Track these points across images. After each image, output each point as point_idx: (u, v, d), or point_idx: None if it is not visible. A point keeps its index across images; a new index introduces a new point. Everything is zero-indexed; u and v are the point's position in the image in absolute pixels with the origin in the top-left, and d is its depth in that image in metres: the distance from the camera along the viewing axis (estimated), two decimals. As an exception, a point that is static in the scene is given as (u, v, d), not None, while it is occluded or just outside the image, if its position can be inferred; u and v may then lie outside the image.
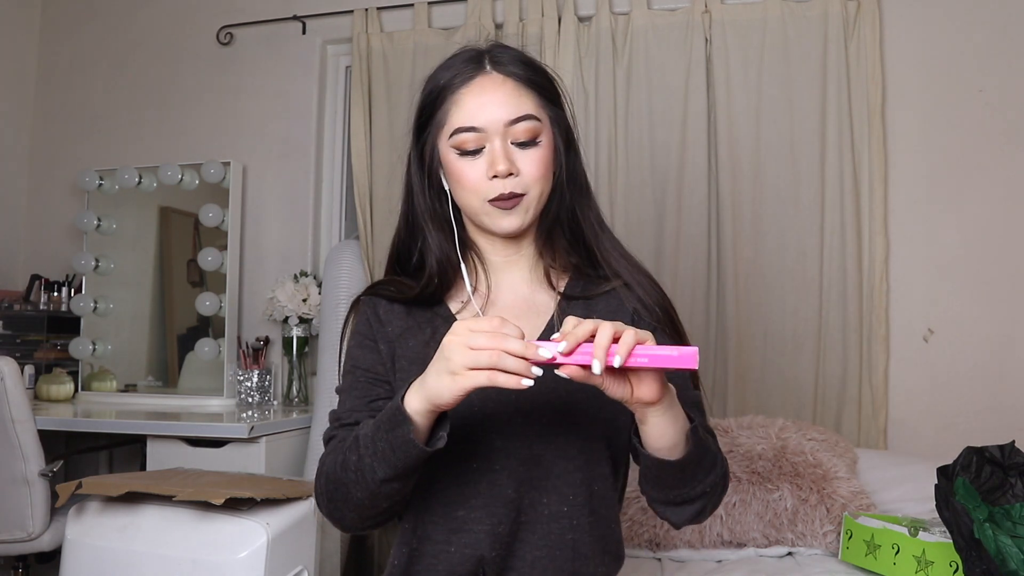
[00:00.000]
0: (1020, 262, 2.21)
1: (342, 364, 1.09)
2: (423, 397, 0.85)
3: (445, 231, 1.06)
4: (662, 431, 0.88)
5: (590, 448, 1.01)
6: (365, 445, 0.90)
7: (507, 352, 0.78)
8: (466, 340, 0.80)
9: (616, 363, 0.77)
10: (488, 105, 0.98)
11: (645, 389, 0.83)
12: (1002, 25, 2.26)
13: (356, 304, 1.10)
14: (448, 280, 1.06)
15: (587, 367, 0.78)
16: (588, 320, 0.80)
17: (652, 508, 1.02)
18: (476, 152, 0.99)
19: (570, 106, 1.07)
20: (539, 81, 1.03)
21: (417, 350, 1.04)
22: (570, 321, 0.81)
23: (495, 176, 0.98)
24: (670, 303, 1.06)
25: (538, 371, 0.79)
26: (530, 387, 0.79)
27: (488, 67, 1.01)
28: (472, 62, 1.01)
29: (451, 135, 0.99)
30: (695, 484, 0.94)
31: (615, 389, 0.83)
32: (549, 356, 0.78)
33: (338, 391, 1.07)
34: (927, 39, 2.31)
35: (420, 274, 1.07)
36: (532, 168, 0.99)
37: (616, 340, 0.78)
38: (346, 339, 1.09)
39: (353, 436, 0.93)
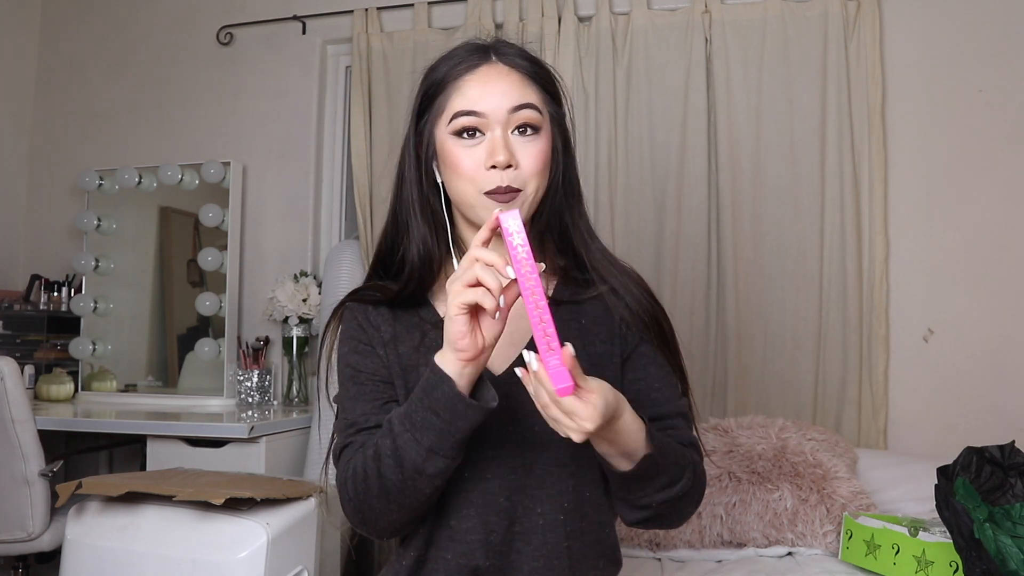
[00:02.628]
0: (1020, 262, 2.21)
1: (339, 373, 1.05)
2: (446, 347, 0.86)
3: (433, 225, 1.04)
4: (600, 445, 0.91)
5: (581, 454, 1.00)
6: (400, 423, 0.89)
7: (480, 259, 0.82)
8: (457, 275, 0.84)
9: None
10: (492, 92, 0.97)
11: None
12: (1002, 25, 2.26)
13: (340, 311, 1.08)
14: (430, 277, 1.04)
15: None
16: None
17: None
18: (475, 137, 0.97)
19: (570, 109, 1.06)
20: (543, 77, 1.02)
21: (409, 356, 1.02)
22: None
23: (493, 167, 0.96)
24: (663, 312, 1.05)
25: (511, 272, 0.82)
26: (518, 372, 0.83)
27: (493, 57, 1.00)
28: (476, 52, 1.01)
29: (450, 120, 0.98)
30: (642, 496, 0.95)
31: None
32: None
33: (339, 400, 1.04)
34: (927, 39, 2.31)
35: (403, 275, 1.05)
36: (531, 162, 0.97)
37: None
38: (334, 346, 1.07)
39: (386, 423, 0.92)
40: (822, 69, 2.30)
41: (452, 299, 0.83)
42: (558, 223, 1.05)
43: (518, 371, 0.83)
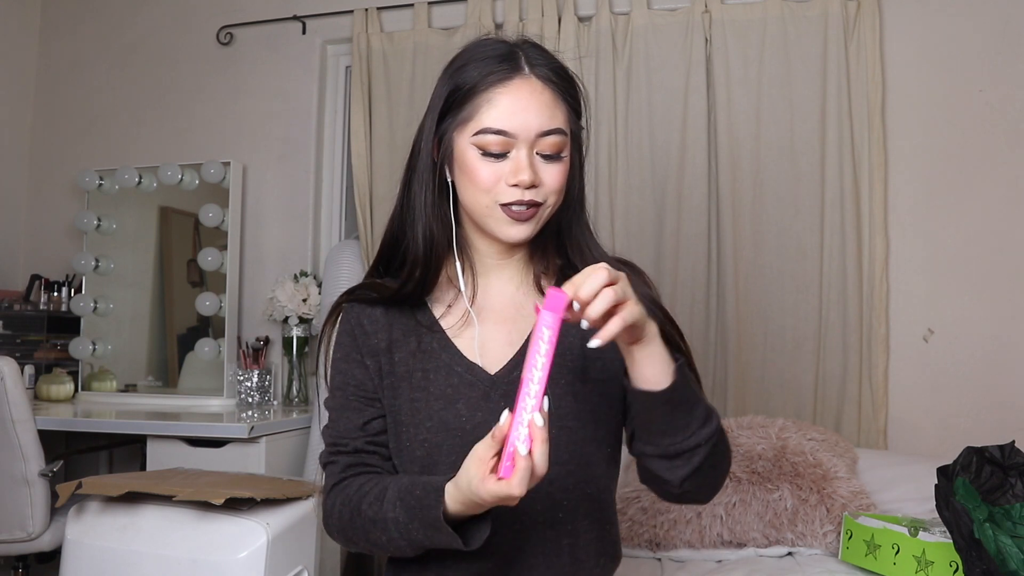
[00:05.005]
0: (1020, 262, 2.21)
1: (329, 376, 1.06)
2: (470, 502, 0.85)
3: (439, 225, 1.02)
4: (644, 361, 0.88)
5: (581, 452, 1.00)
6: (399, 531, 0.91)
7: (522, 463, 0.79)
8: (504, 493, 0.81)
9: (538, 422, 0.80)
10: (524, 111, 0.95)
11: (624, 334, 0.85)
12: (1002, 25, 2.26)
13: (338, 310, 1.07)
14: (430, 278, 1.03)
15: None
16: (594, 277, 0.81)
17: (649, 475, 0.99)
18: (500, 156, 0.95)
19: (587, 120, 1.05)
20: (572, 94, 1.01)
21: (406, 363, 1.02)
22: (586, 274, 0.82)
23: (516, 184, 0.95)
24: (665, 314, 1.04)
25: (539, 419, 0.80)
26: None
27: (526, 69, 0.97)
28: (507, 60, 0.97)
29: (477, 133, 0.95)
30: (687, 432, 0.92)
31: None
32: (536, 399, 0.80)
33: (328, 407, 1.05)
34: (927, 39, 2.31)
35: (403, 272, 1.04)
36: (553, 181, 0.97)
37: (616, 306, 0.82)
38: (330, 346, 1.07)
39: (380, 516, 0.93)
40: (822, 69, 2.30)
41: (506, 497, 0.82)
42: (557, 226, 1.05)
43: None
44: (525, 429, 0.78)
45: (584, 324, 0.81)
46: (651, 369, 0.88)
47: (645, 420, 0.93)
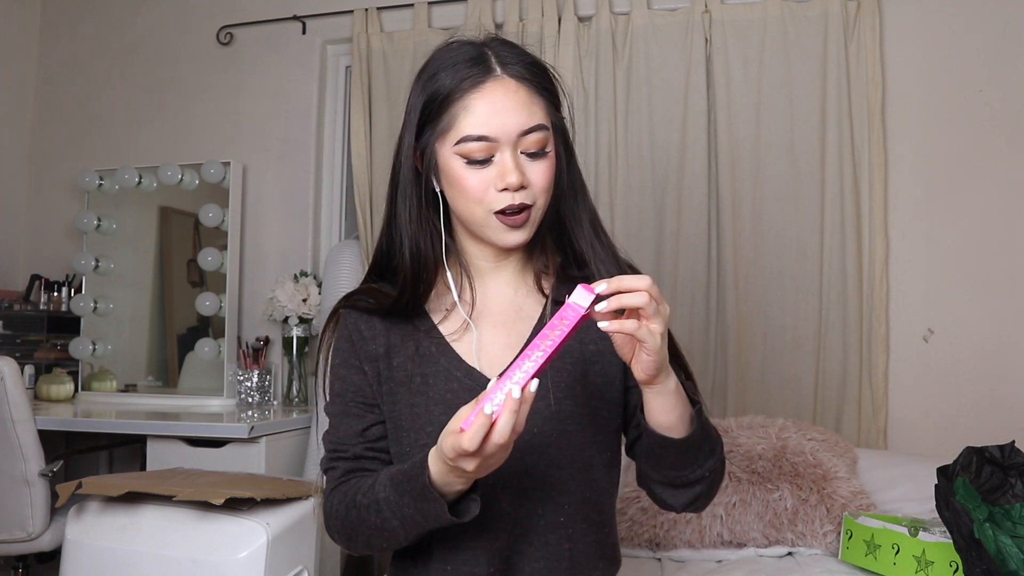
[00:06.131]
0: (1020, 262, 2.21)
1: (328, 382, 1.06)
2: (452, 472, 0.85)
3: (429, 234, 1.01)
4: (660, 410, 0.90)
5: (581, 456, 1.00)
6: (390, 510, 0.91)
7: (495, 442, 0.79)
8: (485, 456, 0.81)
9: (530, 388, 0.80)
10: (501, 113, 0.93)
11: (638, 366, 0.85)
12: (1002, 25, 2.26)
13: (336, 315, 1.07)
14: (426, 287, 1.02)
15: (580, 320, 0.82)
16: (639, 279, 0.82)
17: (650, 491, 1.02)
18: (484, 162, 0.94)
19: (569, 107, 1.04)
20: (547, 87, 1.00)
21: (404, 368, 1.02)
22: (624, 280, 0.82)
23: (504, 189, 0.94)
24: None
25: (532, 386, 0.80)
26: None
27: (497, 70, 0.95)
28: (478, 64, 0.96)
29: (458, 142, 0.94)
30: (695, 467, 0.95)
31: (623, 347, 0.86)
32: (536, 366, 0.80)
33: (327, 413, 1.05)
34: (927, 39, 2.31)
35: (397, 283, 1.04)
36: (540, 179, 0.96)
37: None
38: (328, 352, 1.07)
39: (372, 499, 0.93)
40: (822, 69, 2.30)
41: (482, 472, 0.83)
42: (556, 219, 1.04)
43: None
44: (502, 395, 0.78)
45: (601, 305, 0.81)
46: (667, 418, 0.90)
47: (657, 455, 0.95)
